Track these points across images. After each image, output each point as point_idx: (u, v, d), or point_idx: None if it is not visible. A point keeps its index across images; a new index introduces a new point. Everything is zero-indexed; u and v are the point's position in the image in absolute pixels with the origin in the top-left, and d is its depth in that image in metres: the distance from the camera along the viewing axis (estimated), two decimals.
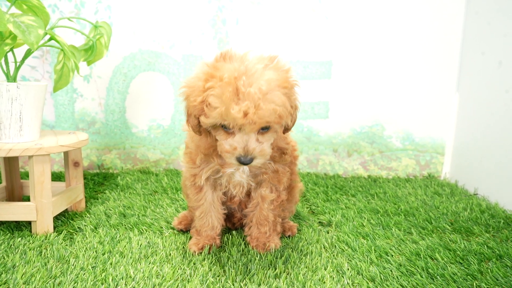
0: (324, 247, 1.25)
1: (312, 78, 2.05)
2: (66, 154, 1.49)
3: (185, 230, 1.35)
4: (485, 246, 1.26)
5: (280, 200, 1.25)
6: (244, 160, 0.98)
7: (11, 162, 1.55)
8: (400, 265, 1.13)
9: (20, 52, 1.48)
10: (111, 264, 1.11)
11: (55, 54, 1.96)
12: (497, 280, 1.06)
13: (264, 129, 0.99)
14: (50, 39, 1.38)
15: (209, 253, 1.19)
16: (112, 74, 2.00)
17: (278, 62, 0.99)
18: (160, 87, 2.03)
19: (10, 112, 1.31)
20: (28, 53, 1.37)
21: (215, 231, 1.24)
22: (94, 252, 1.18)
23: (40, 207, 1.30)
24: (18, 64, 1.37)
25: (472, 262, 1.15)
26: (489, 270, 1.11)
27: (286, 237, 1.34)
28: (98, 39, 1.52)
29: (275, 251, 1.20)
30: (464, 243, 1.27)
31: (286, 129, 1.11)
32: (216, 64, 0.96)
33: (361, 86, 2.06)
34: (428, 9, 1.99)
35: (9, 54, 1.38)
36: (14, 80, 1.37)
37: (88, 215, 1.47)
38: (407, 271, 1.10)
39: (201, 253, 1.18)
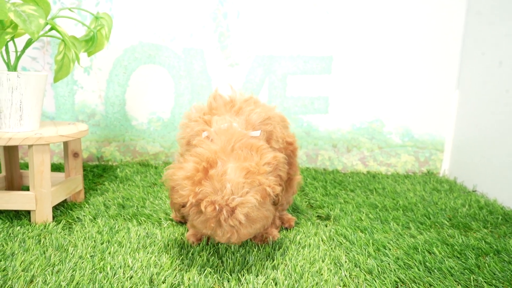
0: (322, 240, 1.26)
1: (313, 73, 2.04)
2: (65, 145, 1.49)
3: (184, 222, 1.35)
4: (483, 241, 1.26)
5: (276, 194, 1.25)
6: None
7: (10, 152, 1.56)
8: (398, 259, 1.14)
9: (21, 42, 1.48)
10: (109, 253, 1.12)
11: (55, 46, 1.95)
12: (495, 274, 1.06)
13: None
14: (51, 29, 1.38)
15: (207, 244, 1.19)
16: (113, 67, 2.00)
17: (258, 174, 0.98)
18: (161, 80, 2.03)
19: (11, 102, 1.31)
20: (29, 43, 1.36)
21: None
22: (93, 242, 1.18)
23: (40, 196, 1.30)
24: (19, 53, 1.37)
25: (469, 257, 1.15)
26: (486, 264, 1.11)
27: (284, 229, 1.34)
28: (99, 30, 1.51)
29: (273, 243, 1.21)
30: (462, 238, 1.28)
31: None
32: (198, 189, 0.96)
33: (362, 81, 2.06)
34: (429, 7, 1.99)
35: (10, 44, 1.38)
36: (15, 69, 1.37)
37: (87, 206, 1.47)
38: (404, 264, 1.11)
39: (199, 244, 1.18)
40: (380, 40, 2.02)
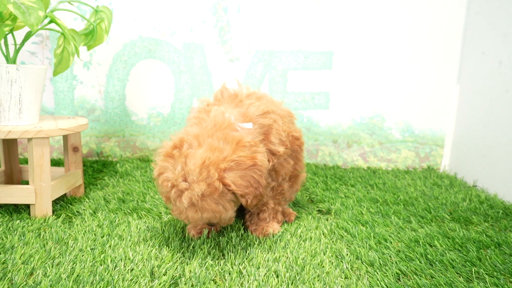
0: (323, 233, 1.26)
1: (313, 68, 2.04)
2: (65, 139, 1.49)
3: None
4: (484, 234, 1.26)
5: (281, 189, 1.26)
6: (210, 225, 1.16)
7: (10, 146, 1.55)
8: (399, 251, 1.13)
9: (20, 35, 1.47)
10: (110, 246, 1.11)
11: (54, 40, 1.95)
12: (496, 266, 1.06)
13: None
14: (50, 21, 1.37)
15: (207, 237, 1.19)
16: (112, 61, 1.99)
17: (213, 165, 0.99)
18: (160, 75, 2.02)
19: (10, 95, 1.31)
20: (28, 36, 1.36)
21: None
22: (93, 235, 1.18)
23: (39, 190, 1.30)
24: (18, 46, 1.36)
25: (470, 250, 1.15)
26: (487, 257, 1.11)
27: (284, 222, 1.34)
28: (98, 24, 1.51)
29: (274, 236, 1.20)
30: (463, 232, 1.28)
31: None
32: (164, 163, 1.04)
33: (362, 77, 2.05)
34: (430, 2, 1.98)
35: (9, 37, 1.37)
36: (14, 62, 1.36)
37: (87, 200, 1.46)
38: (406, 257, 1.10)
39: (199, 237, 1.18)
40: (380, 35, 2.01)
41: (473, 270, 1.04)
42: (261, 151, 1.07)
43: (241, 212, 1.38)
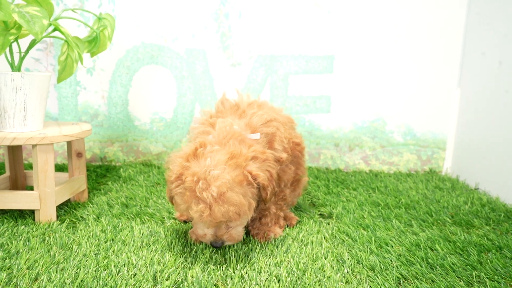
0: (324, 238, 1.26)
1: (314, 72, 2.05)
2: (69, 145, 1.51)
3: (187, 221, 1.36)
4: (485, 238, 1.26)
5: (283, 195, 1.28)
6: (215, 245, 1.11)
7: (14, 152, 1.57)
8: (400, 255, 1.14)
9: (24, 43, 1.49)
10: (113, 251, 1.12)
11: (58, 47, 1.97)
12: (497, 270, 1.07)
13: None
14: (54, 29, 1.39)
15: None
16: (115, 67, 2.01)
17: (239, 157, 1.05)
18: (163, 81, 2.04)
19: (15, 102, 1.32)
20: (32, 44, 1.38)
21: None
22: (97, 240, 1.19)
23: (44, 195, 1.31)
24: (22, 54, 1.39)
25: (471, 253, 1.16)
26: (488, 260, 1.11)
27: (286, 225, 1.35)
28: (101, 31, 1.53)
29: (275, 241, 1.21)
30: (464, 235, 1.28)
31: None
32: (186, 163, 1.06)
33: (363, 81, 2.06)
34: (430, 6, 1.99)
35: (14, 45, 1.39)
36: (19, 70, 1.38)
37: (91, 205, 1.48)
38: (407, 261, 1.11)
39: (201, 242, 1.19)
40: (381, 39, 2.02)
41: (474, 274, 1.05)
42: (269, 151, 1.14)
43: None
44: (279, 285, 0.97)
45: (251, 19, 2.00)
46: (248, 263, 1.08)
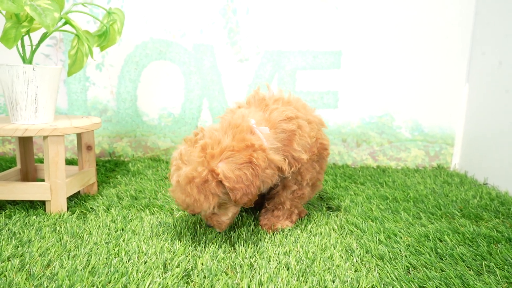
0: (333, 229, 1.27)
1: (322, 68, 2.05)
2: (79, 138, 1.52)
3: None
4: (495, 230, 1.26)
5: (301, 193, 1.27)
6: (208, 225, 1.17)
7: (25, 145, 1.59)
8: (409, 246, 1.14)
9: (36, 36, 1.51)
10: (123, 240, 1.14)
11: (68, 43, 1.99)
12: (506, 260, 1.06)
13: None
14: (65, 23, 1.41)
15: (219, 232, 1.20)
16: (124, 63, 2.03)
17: (208, 154, 1.04)
18: (171, 76, 2.05)
19: (26, 94, 1.34)
20: (44, 37, 1.40)
21: None
22: (107, 230, 1.20)
23: (54, 187, 1.33)
24: (34, 47, 1.40)
25: (481, 244, 1.15)
26: (498, 251, 1.11)
27: None
28: (111, 25, 1.54)
29: (284, 232, 1.22)
30: (473, 227, 1.28)
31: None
32: (183, 148, 1.10)
33: (371, 76, 2.06)
34: (438, 1, 1.99)
35: (25, 38, 1.41)
36: (30, 63, 1.40)
37: (101, 197, 1.49)
38: (415, 251, 1.11)
39: (211, 227, 1.18)
40: (388, 34, 2.02)
41: (483, 263, 1.04)
42: (262, 155, 1.06)
43: (253, 209, 1.40)
44: (289, 273, 0.98)
45: (259, 14, 2.01)
46: (257, 252, 1.08)
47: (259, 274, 0.97)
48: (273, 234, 1.20)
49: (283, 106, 1.19)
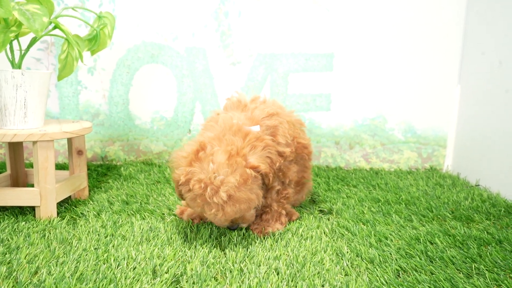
0: (324, 232, 1.26)
1: (314, 70, 2.06)
2: (70, 142, 1.51)
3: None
4: (485, 232, 1.26)
5: (286, 193, 1.28)
6: (232, 228, 1.21)
7: (15, 150, 1.58)
8: (399, 249, 1.14)
9: (25, 41, 1.50)
10: (113, 246, 1.13)
11: (59, 47, 1.98)
12: (496, 262, 1.06)
13: None
14: (55, 27, 1.40)
15: (209, 237, 1.20)
16: (116, 66, 2.02)
17: (237, 156, 1.08)
18: (163, 79, 2.05)
19: (15, 99, 1.33)
20: (33, 41, 1.39)
21: None
22: (97, 235, 1.20)
23: (44, 192, 1.32)
24: (23, 52, 1.40)
25: (471, 247, 1.15)
26: (488, 253, 1.11)
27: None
28: (101, 29, 1.53)
29: (275, 236, 1.22)
30: (464, 229, 1.28)
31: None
32: (189, 169, 1.08)
33: (363, 78, 2.06)
34: (430, 3, 1.99)
35: (14, 43, 1.40)
36: (19, 67, 1.39)
37: (91, 202, 1.48)
38: (406, 254, 1.11)
39: (197, 225, 1.19)
40: (381, 36, 2.03)
41: (473, 266, 1.04)
42: (268, 138, 1.16)
43: None
44: (278, 278, 0.97)
45: (251, 17, 2.01)
46: (247, 257, 1.08)
47: (248, 279, 0.96)
48: (264, 238, 1.20)
49: (260, 105, 1.26)
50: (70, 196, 1.53)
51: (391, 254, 1.11)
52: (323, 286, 0.95)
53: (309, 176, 1.43)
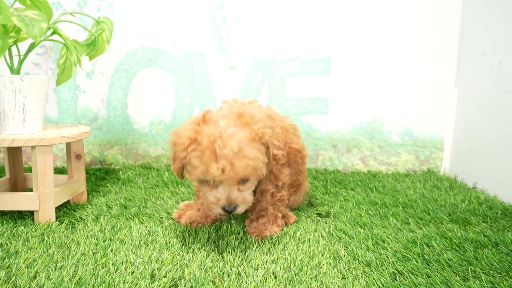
0: (321, 236, 1.27)
1: (311, 74, 2.07)
2: (68, 147, 1.52)
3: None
4: (482, 234, 1.27)
5: (280, 195, 1.29)
6: (229, 209, 1.10)
7: (14, 154, 1.58)
8: (396, 252, 1.15)
9: (23, 46, 1.51)
10: (111, 250, 1.13)
11: (58, 51, 1.99)
12: (492, 265, 1.07)
13: (244, 180, 1.11)
14: (53, 33, 1.41)
15: (207, 241, 1.20)
16: (114, 71, 2.03)
17: (246, 117, 1.10)
18: (161, 84, 2.06)
19: (14, 104, 1.34)
20: (31, 47, 1.39)
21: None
22: (95, 239, 1.20)
23: (43, 197, 1.33)
24: (21, 57, 1.40)
25: (468, 249, 1.16)
26: (484, 256, 1.12)
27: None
28: (100, 34, 1.54)
29: (272, 239, 1.22)
30: (460, 232, 1.29)
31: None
32: (198, 128, 1.08)
33: (360, 82, 2.08)
34: (427, 6, 2.01)
35: (13, 48, 1.41)
36: (18, 73, 1.40)
37: (90, 206, 1.49)
38: (403, 257, 1.12)
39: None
40: (378, 40, 2.04)
41: (469, 269, 1.05)
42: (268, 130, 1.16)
43: (242, 217, 1.40)
44: (276, 281, 0.98)
45: (248, 22, 2.02)
46: (245, 261, 1.08)
47: (246, 283, 0.97)
48: (262, 242, 1.21)
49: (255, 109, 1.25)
50: (68, 200, 1.53)
51: (388, 257, 1.11)
52: None
53: (303, 178, 1.44)
